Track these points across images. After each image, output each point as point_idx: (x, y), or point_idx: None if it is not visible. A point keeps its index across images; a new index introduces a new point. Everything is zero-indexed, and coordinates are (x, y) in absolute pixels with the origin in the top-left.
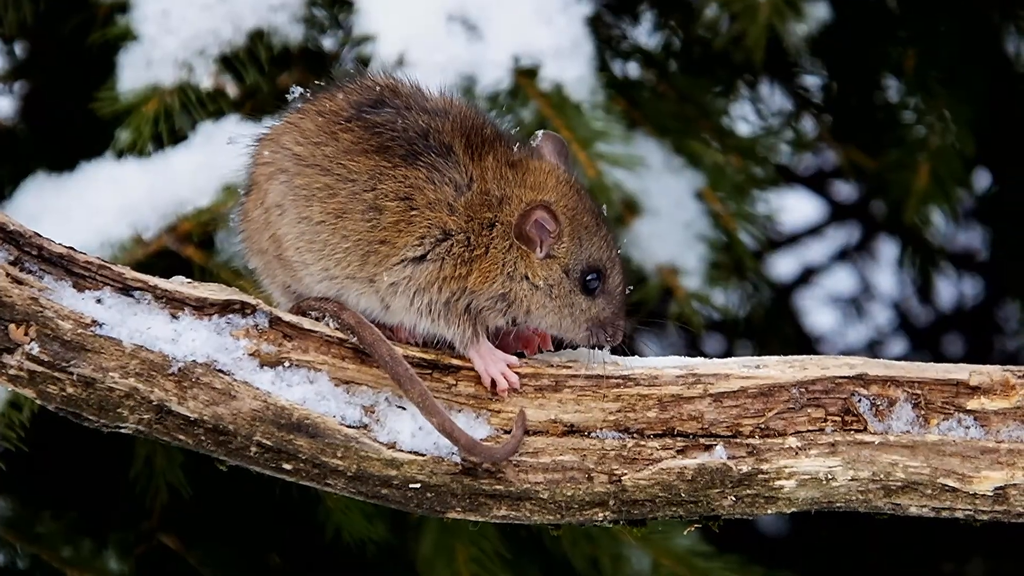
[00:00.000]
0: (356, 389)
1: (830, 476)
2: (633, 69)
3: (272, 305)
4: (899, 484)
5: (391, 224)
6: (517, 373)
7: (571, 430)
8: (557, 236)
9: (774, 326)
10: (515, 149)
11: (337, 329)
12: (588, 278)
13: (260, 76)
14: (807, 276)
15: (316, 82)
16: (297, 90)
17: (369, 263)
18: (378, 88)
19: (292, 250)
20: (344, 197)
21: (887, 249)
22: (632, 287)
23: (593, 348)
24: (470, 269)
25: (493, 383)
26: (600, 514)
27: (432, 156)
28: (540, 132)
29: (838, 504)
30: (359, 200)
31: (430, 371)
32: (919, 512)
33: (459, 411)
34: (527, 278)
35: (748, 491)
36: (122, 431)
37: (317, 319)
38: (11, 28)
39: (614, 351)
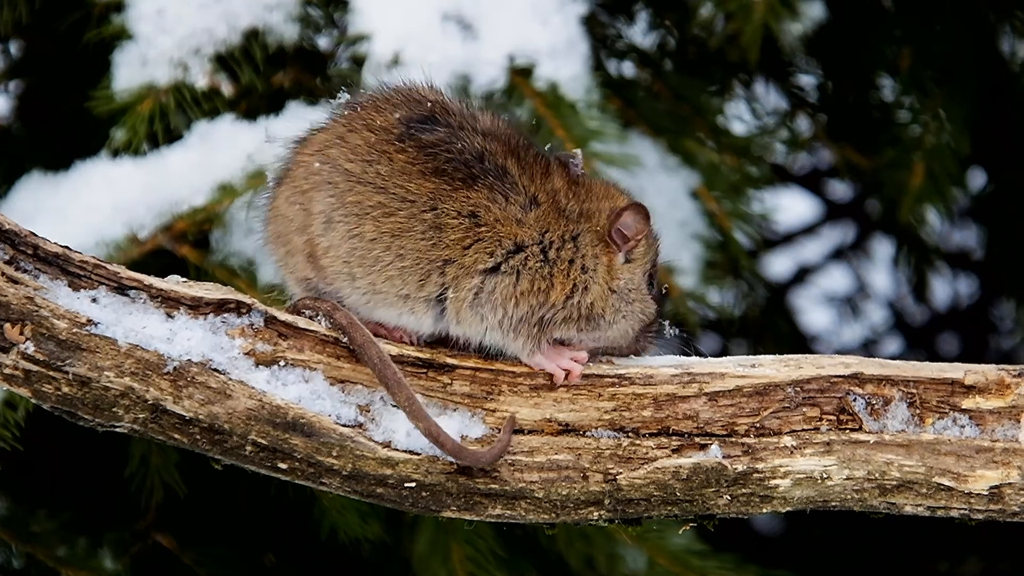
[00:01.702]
0: (351, 388)
1: (825, 475)
2: (628, 68)
3: (281, 294)
4: (894, 483)
5: (456, 241)
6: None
7: (566, 429)
8: (638, 240)
9: (769, 325)
10: (570, 169)
11: (330, 329)
12: (651, 282)
13: (255, 75)
14: (802, 275)
15: (360, 89)
16: (344, 95)
17: (431, 282)
18: (428, 104)
19: (339, 263)
20: (402, 217)
21: (882, 248)
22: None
23: (636, 353)
24: (552, 284)
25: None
26: (595, 513)
27: (490, 179)
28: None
29: (833, 503)
30: (418, 220)
31: (425, 370)
32: (914, 511)
33: (454, 410)
34: (606, 283)
35: (743, 490)
36: (117, 430)
37: (311, 318)
38: (6, 27)
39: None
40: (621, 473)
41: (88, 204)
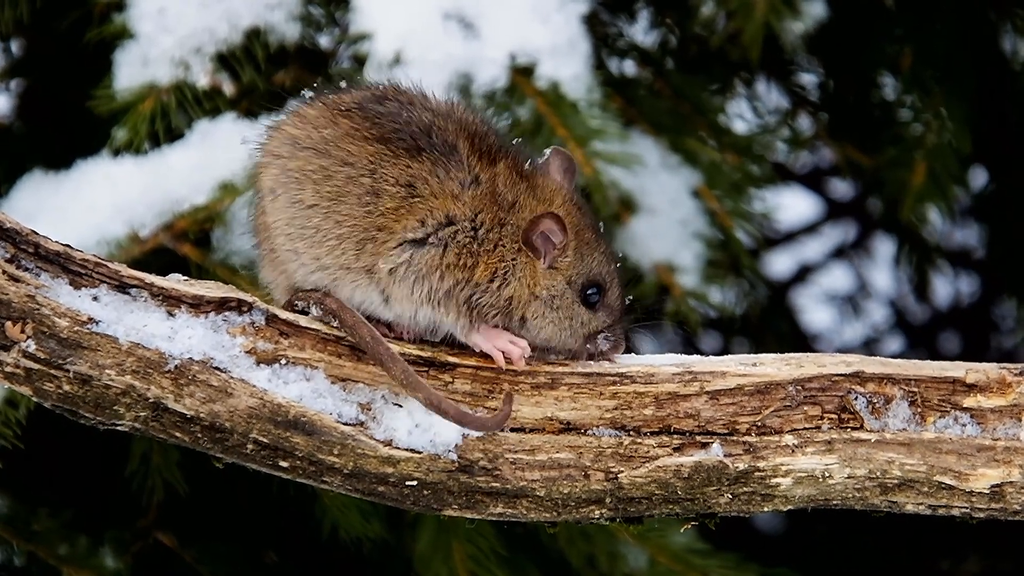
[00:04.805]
0: (352, 387)
1: (826, 474)
2: (629, 67)
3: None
4: (895, 482)
5: (390, 210)
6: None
7: (567, 428)
8: (562, 248)
9: (771, 324)
10: (525, 162)
11: (321, 316)
12: (589, 292)
13: (256, 74)
14: (803, 274)
15: (322, 81)
16: (308, 93)
17: (366, 251)
18: (382, 88)
19: (282, 237)
20: (340, 180)
21: (883, 247)
22: (629, 294)
23: (591, 359)
24: (476, 262)
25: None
26: (597, 512)
27: (436, 153)
28: (549, 149)
29: (835, 502)
30: (356, 184)
31: (427, 368)
32: (915, 510)
33: None
34: (528, 286)
35: (744, 489)
36: (118, 429)
37: (303, 311)
38: (7, 25)
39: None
40: (622, 471)
41: (89, 203)
